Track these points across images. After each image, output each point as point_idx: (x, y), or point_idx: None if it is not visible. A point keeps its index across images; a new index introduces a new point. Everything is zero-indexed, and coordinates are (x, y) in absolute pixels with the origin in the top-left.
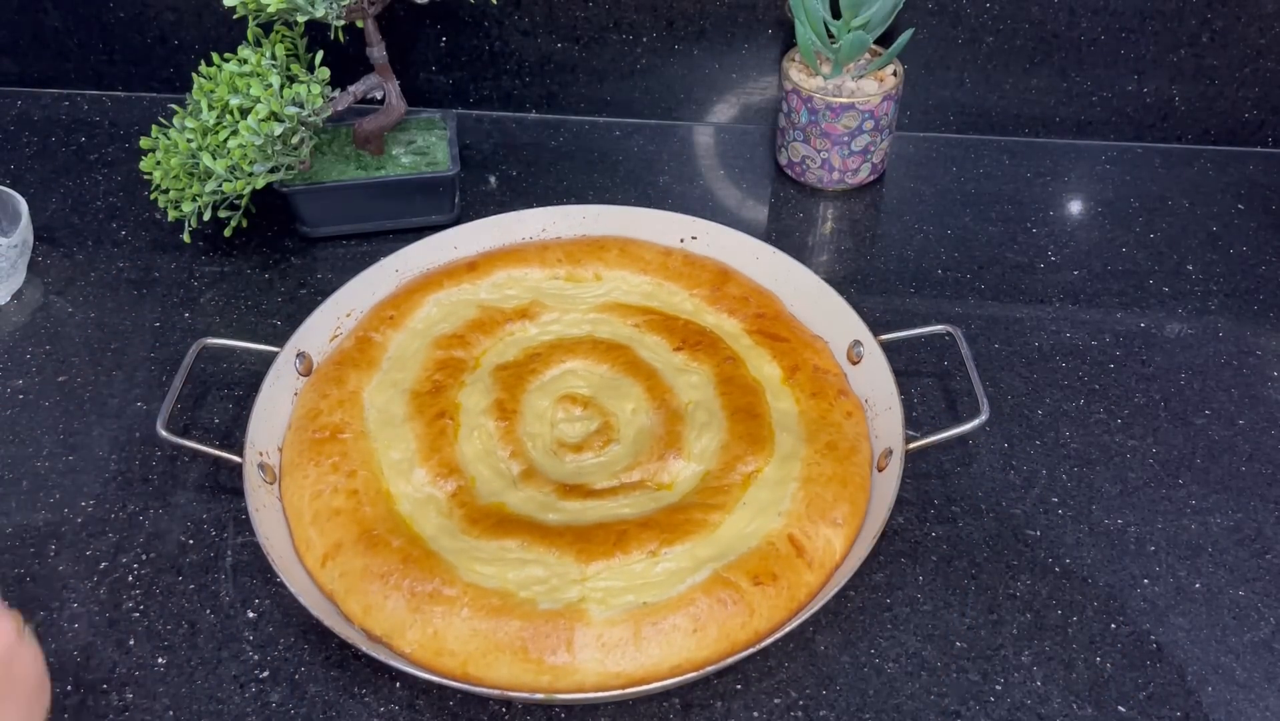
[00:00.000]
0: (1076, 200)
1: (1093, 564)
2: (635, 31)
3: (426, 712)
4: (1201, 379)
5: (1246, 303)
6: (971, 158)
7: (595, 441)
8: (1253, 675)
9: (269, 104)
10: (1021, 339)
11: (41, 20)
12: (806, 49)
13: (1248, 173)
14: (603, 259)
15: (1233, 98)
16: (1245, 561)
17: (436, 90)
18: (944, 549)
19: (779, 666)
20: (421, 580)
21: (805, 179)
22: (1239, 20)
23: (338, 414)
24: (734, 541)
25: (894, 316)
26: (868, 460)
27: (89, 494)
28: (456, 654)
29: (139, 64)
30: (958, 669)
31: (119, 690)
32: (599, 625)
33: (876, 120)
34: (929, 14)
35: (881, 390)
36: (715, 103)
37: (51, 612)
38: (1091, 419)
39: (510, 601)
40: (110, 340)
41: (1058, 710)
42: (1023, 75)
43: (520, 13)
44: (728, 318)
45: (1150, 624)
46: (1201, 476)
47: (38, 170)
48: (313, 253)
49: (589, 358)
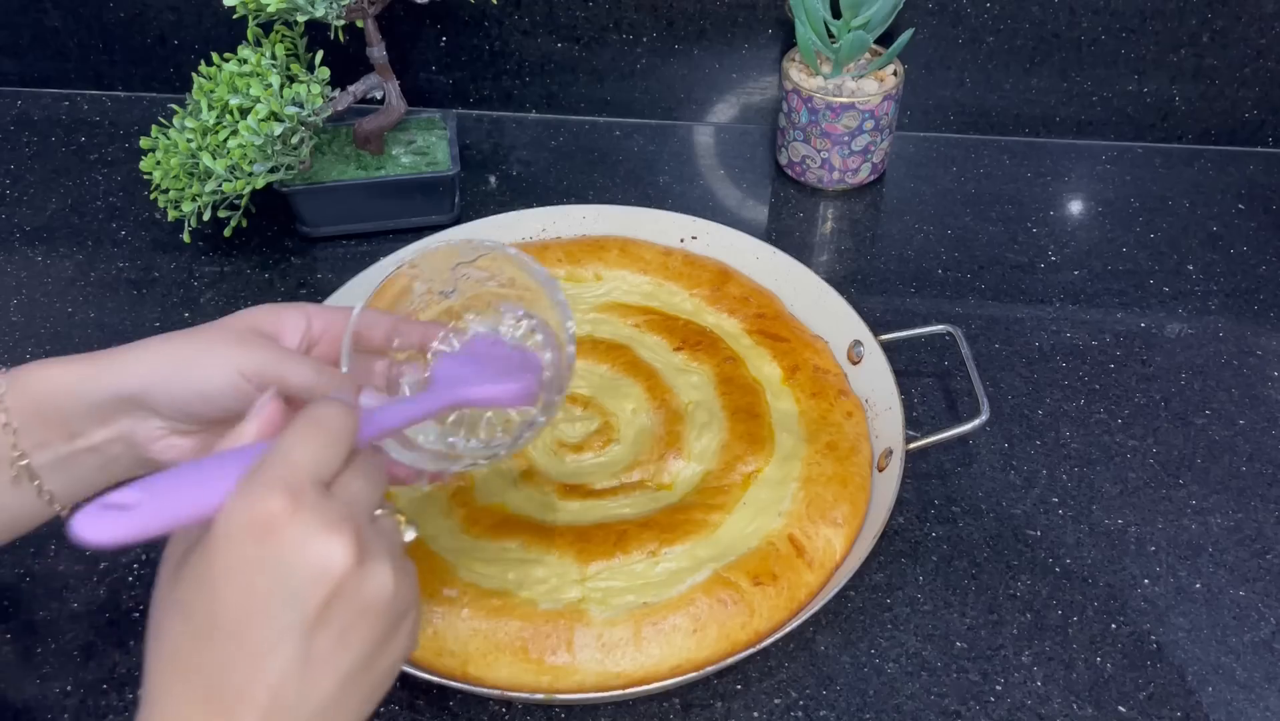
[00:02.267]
0: (1077, 200)
1: (1093, 564)
2: (635, 31)
3: (426, 712)
4: (1202, 379)
5: (1247, 302)
6: (971, 158)
7: (595, 441)
8: (1253, 675)
9: (269, 104)
10: (1022, 339)
11: (41, 20)
12: (806, 49)
13: (1248, 173)
14: (603, 259)
15: (1233, 98)
16: (1245, 561)
17: (436, 90)
18: (944, 549)
19: (779, 666)
20: (421, 580)
21: (805, 179)
22: (1239, 20)
23: None
24: (734, 541)
25: (894, 316)
26: (868, 460)
27: None
28: (456, 654)
29: (139, 64)
30: (958, 669)
31: (119, 690)
32: (599, 625)
33: (877, 120)
34: (929, 14)
35: (882, 390)
36: (715, 103)
37: (51, 612)
38: (1092, 419)
39: (510, 601)
40: (110, 340)
41: (1058, 710)
42: (1023, 75)
43: (520, 13)
44: (728, 317)
45: (1150, 624)
46: (1202, 476)
47: (38, 170)
48: (313, 253)
49: (589, 357)
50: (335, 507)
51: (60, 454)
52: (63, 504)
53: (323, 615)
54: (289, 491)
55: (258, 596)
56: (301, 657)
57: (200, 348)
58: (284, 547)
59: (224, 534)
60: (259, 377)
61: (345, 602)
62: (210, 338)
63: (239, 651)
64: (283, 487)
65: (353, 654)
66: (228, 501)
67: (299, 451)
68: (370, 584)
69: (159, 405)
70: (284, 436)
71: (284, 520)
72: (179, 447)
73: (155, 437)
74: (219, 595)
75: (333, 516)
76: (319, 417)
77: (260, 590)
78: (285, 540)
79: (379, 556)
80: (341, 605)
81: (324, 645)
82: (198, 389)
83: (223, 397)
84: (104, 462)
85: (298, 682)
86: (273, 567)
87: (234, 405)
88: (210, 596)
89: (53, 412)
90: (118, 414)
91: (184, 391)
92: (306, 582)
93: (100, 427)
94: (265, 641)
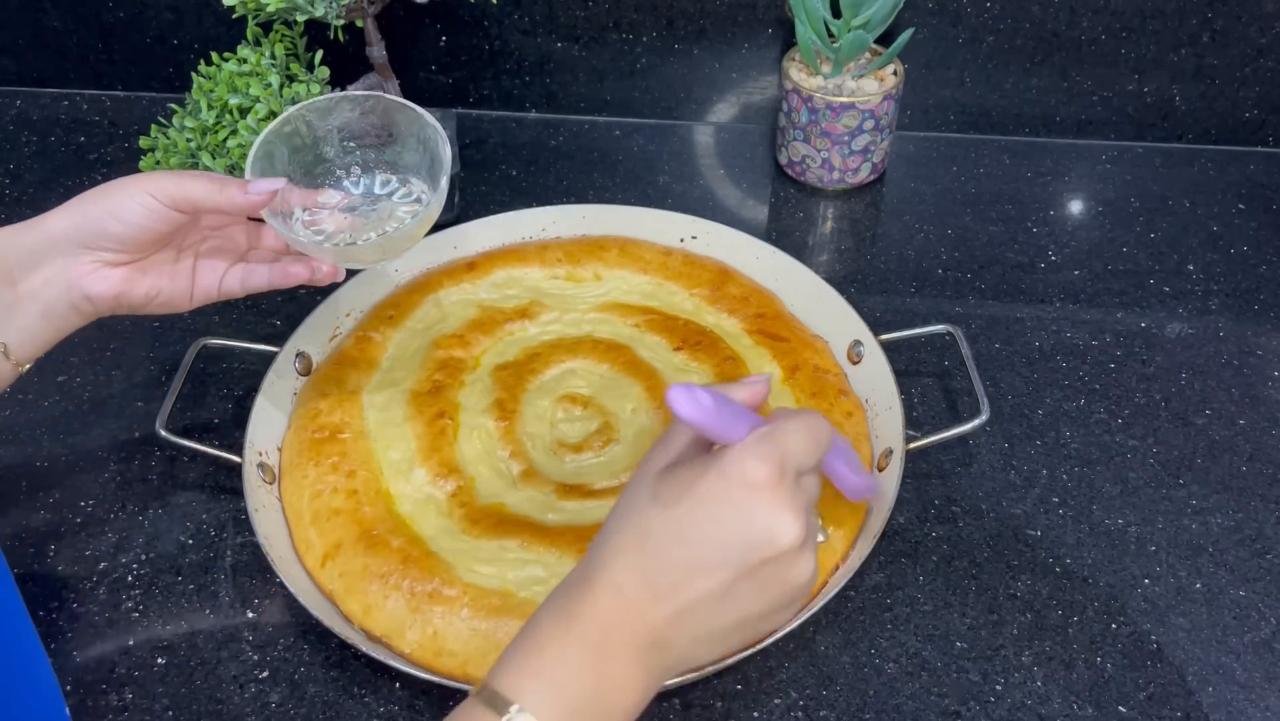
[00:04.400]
0: (1077, 200)
1: (1093, 564)
2: (635, 31)
3: (426, 712)
4: (1202, 379)
5: (1247, 302)
6: (971, 157)
7: (595, 441)
8: (1253, 675)
9: (268, 103)
10: (1022, 339)
11: (41, 20)
12: (806, 48)
13: (1248, 172)
14: (603, 259)
15: (1233, 97)
16: (1246, 561)
17: (436, 90)
18: (944, 549)
19: (779, 666)
20: (421, 580)
21: (805, 178)
22: (1239, 20)
23: (337, 414)
24: None
25: (894, 316)
26: (868, 460)
27: (89, 494)
28: (456, 654)
29: (139, 64)
30: (958, 669)
31: (119, 690)
32: None
33: (877, 120)
34: (929, 14)
35: (882, 390)
36: (715, 102)
37: (51, 612)
38: (1092, 419)
39: (510, 601)
40: (110, 340)
41: (1058, 710)
42: (1023, 75)
43: (520, 12)
44: (728, 317)
45: (1151, 624)
46: (1202, 476)
47: (38, 170)
48: None
49: (589, 357)
50: (800, 497)
51: (5, 300)
52: (18, 359)
53: (757, 569)
54: (779, 468)
55: (724, 530)
56: (725, 588)
57: (111, 186)
58: (759, 507)
59: (726, 471)
60: (164, 194)
61: (776, 569)
62: (120, 179)
63: (689, 560)
64: (777, 463)
65: (758, 607)
66: (736, 451)
67: (794, 441)
68: (799, 565)
69: (84, 237)
70: (786, 424)
71: (768, 487)
72: (110, 278)
73: (87, 272)
74: (697, 512)
75: (798, 502)
76: (816, 424)
77: (727, 526)
78: (762, 502)
79: (811, 547)
80: (773, 569)
81: (745, 590)
82: (113, 212)
83: (136, 217)
84: (44, 309)
85: (713, 603)
86: (743, 516)
87: (149, 224)
88: (691, 508)
89: None
90: (51, 254)
91: (102, 216)
92: (761, 540)
93: (36, 271)
94: (710, 564)
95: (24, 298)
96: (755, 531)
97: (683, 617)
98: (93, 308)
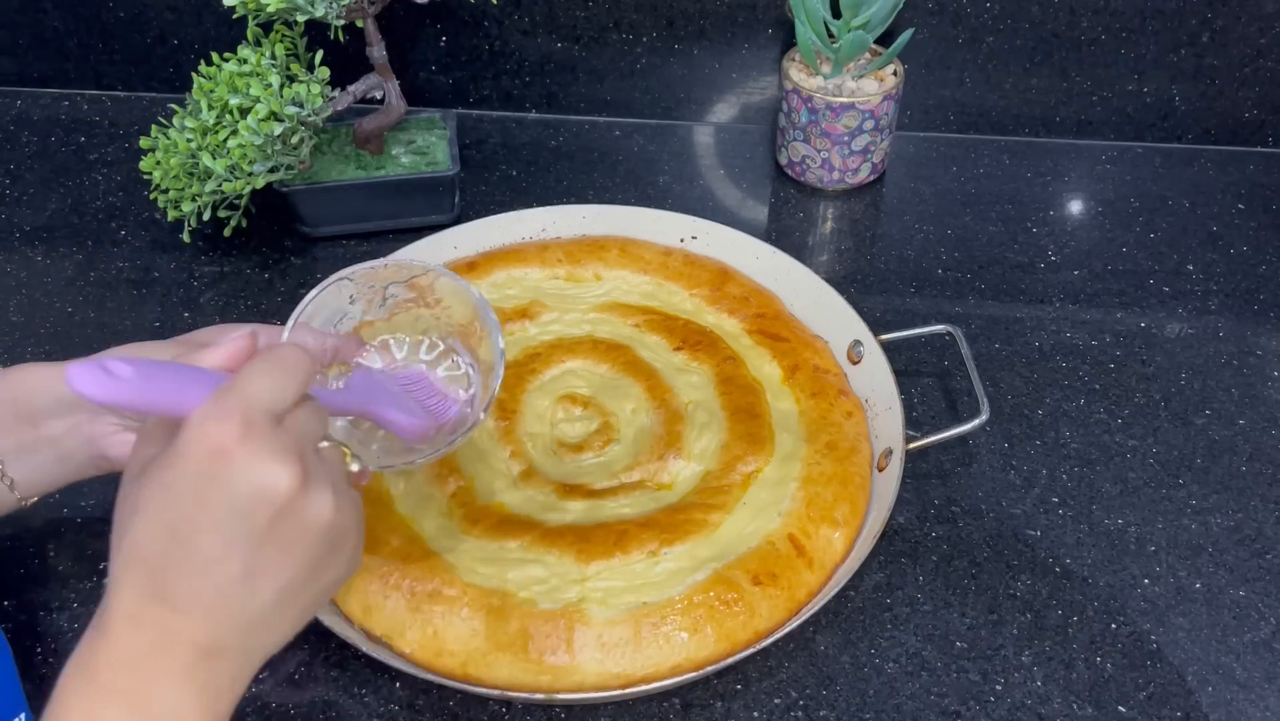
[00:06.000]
0: (1076, 200)
1: (1093, 564)
2: (635, 31)
3: (426, 712)
4: (1202, 379)
5: (1247, 302)
6: (971, 158)
7: (595, 441)
8: (1253, 675)
9: (269, 104)
10: (1022, 339)
11: (41, 20)
12: (806, 49)
13: (1248, 173)
14: (603, 259)
15: (1233, 97)
16: (1245, 561)
17: (436, 90)
18: (944, 549)
19: (779, 666)
20: (421, 580)
21: (805, 179)
22: (1239, 20)
23: None
24: (734, 541)
25: (894, 316)
26: (868, 460)
27: (89, 494)
28: (456, 654)
29: (139, 64)
30: (958, 669)
31: None
32: (599, 625)
33: (876, 120)
34: (929, 14)
35: (881, 390)
36: (715, 103)
37: (51, 612)
38: (1092, 419)
39: (510, 601)
40: (110, 340)
41: (1058, 710)
42: (1023, 75)
43: (520, 13)
44: (728, 317)
45: (1150, 624)
46: (1202, 476)
47: (38, 170)
48: (313, 253)
49: (589, 357)
50: (283, 437)
51: (24, 440)
52: (23, 494)
53: (268, 532)
54: (244, 420)
55: (211, 510)
56: (246, 567)
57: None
58: (234, 469)
59: (185, 451)
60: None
61: (289, 522)
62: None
63: (192, 556)
64: (240, 416)
65: (293, 569)
66: (191, 421)
67: (257, 384)
68: (312, 507)
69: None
70: (246, 369)
71: (236, 445)
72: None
73: (108, 432)
74: (178, 505)
75: (280, 445)
76: (278, 356)
77: (214, 504)
78: (236, 463)
79: (321, 482)
80: (285, 524)
81: (267, 558)
82: None
83: None
84: (61, 456)
85: (241, 588)
86: (225, 486)
87: None
88: (170, 504)
89: (24, 403)
90: (77, 406)
91: None
92: (255, 501)
93: (59, 420)
94: (216, 549)
95: (43, 441)
96: (243, 496)
97: (217, 617)
98: (109, 466)
